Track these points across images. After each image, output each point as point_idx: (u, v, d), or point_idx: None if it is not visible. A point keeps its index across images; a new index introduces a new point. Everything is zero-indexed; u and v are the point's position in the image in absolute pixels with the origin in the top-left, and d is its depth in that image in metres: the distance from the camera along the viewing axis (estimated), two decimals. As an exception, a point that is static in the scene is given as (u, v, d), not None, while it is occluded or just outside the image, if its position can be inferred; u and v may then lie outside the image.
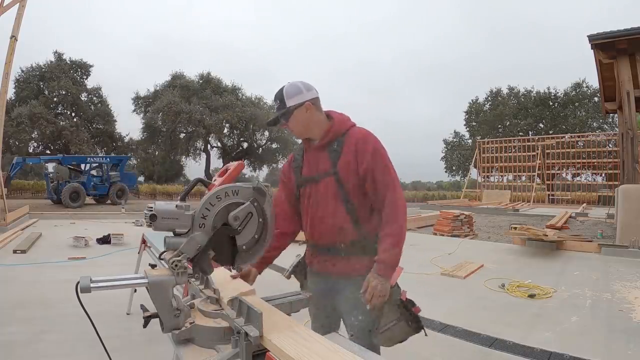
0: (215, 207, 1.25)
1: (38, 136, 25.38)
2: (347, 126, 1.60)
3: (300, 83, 1.59)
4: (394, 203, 1.49)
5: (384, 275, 1.46)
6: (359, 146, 1.52)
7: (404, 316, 1.58)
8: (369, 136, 1.56)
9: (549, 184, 22.42)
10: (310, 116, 1.57)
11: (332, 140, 1.58)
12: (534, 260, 6.50)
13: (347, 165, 1.53)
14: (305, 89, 1.57)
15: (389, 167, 1.53)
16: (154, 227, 1.20)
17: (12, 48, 9.51)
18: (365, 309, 1.50)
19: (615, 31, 8.59)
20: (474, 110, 35.85)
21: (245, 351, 1.07)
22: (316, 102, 1.59)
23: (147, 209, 1.21)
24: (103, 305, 2.85)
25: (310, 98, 1.57)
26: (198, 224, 1.22)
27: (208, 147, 29.98)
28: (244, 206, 1.28)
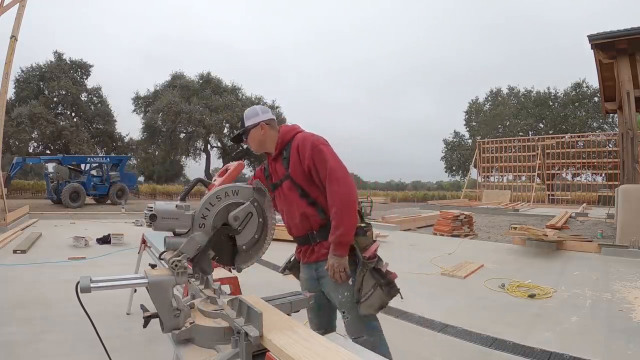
0: (215, 207, 1.25)
1: (38, 136, 25.39)
2: (292, 134, 1.83)
3: (258, 107, 1.90)
4: (333, 189, 1.68)
5: (337, 254, 1.67)
6: (299, 147, 1.75)
7: (379, 283, 1.72)
8: (308, 137, 1.78)
9: (549, 184, 22.43)
10: (264, 134, 1.83)
11: (282, 149, 1.83)
12: (534, 260, 6.50)
13: (295, 166, 1.76)
14: (262, 111, 1.86)
15: (328, 159, 1.70)
16: (154, 227, 1.20)
17: (12, 48, 9.50)
18: (347, 284, 1.72)
19: (615, 31, 8.59)
20: (474, 110, 35.86)
21: (245, 351, 1.07)
22: (271, 122, 1.86)
23: (147, 209, 1.21)
24: (103, 305, 2.86)
25: (264, 119, 1.83)
26: (198, 224, 1.22)
27: (208, 147, 29.99)
28: (244, 206, 1.28)
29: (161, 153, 29.49)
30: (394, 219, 11.28)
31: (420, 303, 3.90)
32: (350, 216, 1.67)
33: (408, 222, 11.23)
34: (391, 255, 7.11)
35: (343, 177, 1.69)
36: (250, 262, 1.37)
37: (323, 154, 1.71)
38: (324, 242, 1.76)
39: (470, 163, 26.77)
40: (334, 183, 1.68)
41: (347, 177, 1.71)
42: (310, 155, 1.71)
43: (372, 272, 1.73)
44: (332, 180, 1.68)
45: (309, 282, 1.88)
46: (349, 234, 1.67)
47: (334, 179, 1.68)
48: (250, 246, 1.33)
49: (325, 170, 1.69)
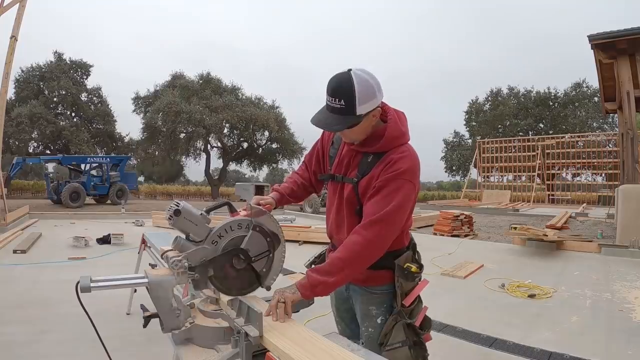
0: (234, 232, 1.28)
1: (38, 136, 25.36)
2: (395, 144, 1.36)
3: (372, 81, 1.28)
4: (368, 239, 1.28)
5: (301, 290, 1.27)
6: (388, 164, 1.33)
7: (408, 342, 1.41)
8: (405, 160, 1.33)
9: (549, 184, 22.42)
10: (373, 122, 1.35)
11: (374, 151, 1.39)
12: (534, 260, 6.50)
13: (370, 180, 1.36)
14: (378, 89, 1.29)
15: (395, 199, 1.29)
16: (173, 222, 1.21)
17: (12, 48, 9.50)
18: (375, 321, 1.44)
19: (615, 31, 8.58)
20: (474, 110, 35.83)
21: (245, 351, 1.08)
22: None
23: (174, 203, 1.22)
24: (103, 305, 2.86)
25: (380, 103, 1.32)
26: (212, 240, 1.24)
27: (208, 147, 29.95)
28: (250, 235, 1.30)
29: (161, 153, 29.44)
30: (394, 219, 11.25)
31: (420, 303, 3.90)
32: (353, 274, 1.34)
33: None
34: (391, 255, 7.11)
35: (388, 229, 1.31)
36: (276, 275, 1.39)
37: (399, 190, 1.30)
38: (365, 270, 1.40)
39: (470, 163, 26.76)
40: (373, 227, 1.29)
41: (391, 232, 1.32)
42: (388, 179, 1.31)
43: (405, 327, 1.43)
44: (375, 222, 1.29)
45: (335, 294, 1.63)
46: (331, 289, 1.31)
47: (377, 222, 1.29)
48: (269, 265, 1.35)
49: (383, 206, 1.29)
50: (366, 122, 1.32)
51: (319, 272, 1.28)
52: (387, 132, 1.35)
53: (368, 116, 1.30)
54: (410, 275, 1.45)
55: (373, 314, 1.46)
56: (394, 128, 1.36)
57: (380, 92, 1.30)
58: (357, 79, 1.25)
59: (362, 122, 1.30)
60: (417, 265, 1.49)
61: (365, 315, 1.49)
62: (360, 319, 1.53)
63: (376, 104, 1.30)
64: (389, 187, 1.30)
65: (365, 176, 1.38)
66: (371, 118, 1.32)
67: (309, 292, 1.26)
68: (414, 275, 1.47)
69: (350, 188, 1.43)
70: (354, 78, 1.25)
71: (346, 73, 1.27)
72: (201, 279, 1.23)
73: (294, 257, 1.75)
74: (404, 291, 1.44)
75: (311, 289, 1.26)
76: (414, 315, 1.48)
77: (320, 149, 1.63)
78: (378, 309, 1.47)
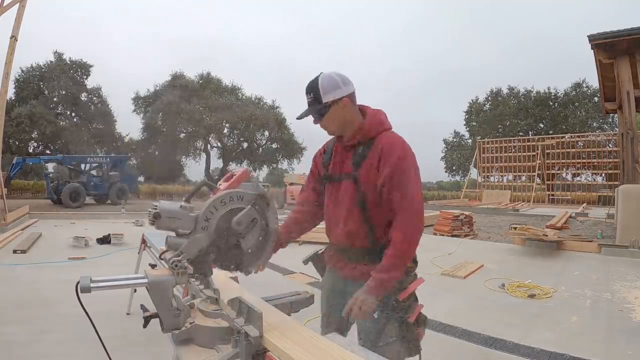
0: (219, 211, 1.26)
1: (38, 136, 25.40)
2: (379, 130, 1.50)
3: (337, 76, 1.48)
4: (405, 224, 1.41)
5: (371, 293, 1.39)
6: (383, 154, 1.44)
7: (401, 337, 1.47)
8: (397, 145, 1.45)
9: (549, 184, 22.41)
10: (346, 113, 1.48)
11: (360, 142, 1.50)
12: (534, 260, 6.50)
13: (368, 172, 1.46)
14: (343, 82, 1.47)
15: (409, 183, 1.41)
16: (157, 226, 1.21)
17: (12, 48, 9.51)
18: (372, 316, 1.47)
19: (615, 31, 8.58)
20: (474, 110, 35.83)
21: (245, 351, 1.07)
22: (353, 98, 1.50)
23: (152, 207, 1.21)
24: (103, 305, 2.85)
25: (347, 93, 1.47)
26: (201, 226, 1.23)
27: (208, 147, 29.99)
28: (246, 210, 1.28)
29: (161, 153, 29.48)
30: (394, 219, 11.25)
31: (420, 303, 3.89)
32: (409, 259, 1.46)
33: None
34: (391, 255, 7.11)
35: (419, 212, 1.43)
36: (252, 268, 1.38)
37: (406, 176, 1.42)
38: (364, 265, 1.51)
39: (470, 163, 26.76)
40: (406, 216, 1.41)
41: (421, 212, 1.45)
42: (392, 172, 1.41)
43: (399, 322, 1.49)
44: (406, 211, 1.41)
45: (333, 293, 1.67)
46: (397, 279, 1.42)
47: (412, 209, 1.41)
48: (256, 249, 1.34)
49: (403, 196, 1.40)
50: (337, 110, 1.47)
51: (384, 270, 1.40)
52: (367, 119, 1.52)
53: (337, 105, 1.46)
54: (407, 270, 1.49)
55: None
56: (372, 117, 1.53)
57: (347, 85, 1.48)
58: (322, 76, 1.48)
59: (332, 109, 1.47)
60: (412, 260, 1.53)
61: None
62: None
63: (341, 93, 1.46)
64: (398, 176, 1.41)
65: (362, 165, 1.48)
66: (341, 107, 1.47)
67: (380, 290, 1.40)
68: (409, 270, 1.51)
69: (349, 183, 1.51)
70: (320, 76, 1.48)
71: (317, 75, 1.50)
72: (207, 267, 1.23)
73: (294, 257, 1.75)
74: (399, 286, 1.47)
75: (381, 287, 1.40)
76: (409, 311, 1.51)
77: (315, 167, 1.71)
78: None
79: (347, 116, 1.49)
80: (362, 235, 1.50)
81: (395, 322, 1.46)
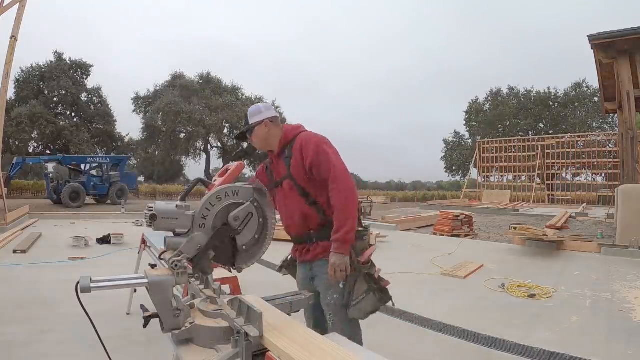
0: (216, 207, 1.25)
1: (38, 136, 25.37)
2: (295, 133, 1.84)
3: (261, 105, 1.92)
4: (337, 189, 1.69)
5: (340, 252, 1.66)
6: (303, 146, 1.76)
7: (372, 289, 1.73)
8: (311, 137, 1.80)
9: (549, 184, 22.41)
10: (268, 131, 1.84)
11: (284, 147, 1.84)
12: (534, 260, 6.50)
13: (297, 165, 1.77)
14: (265, 109, 1.88)
15: (330, 159, 1.71)
16: (154, 227, 1.20)
17: (12, 48, 9.51)
18: (338, 286, 1.73)
19: (615, 31, 8.58)
20: (474, 110, 35.84)
21: (245, 351, 1.07)
22: (274, 120, 1.87)
23: (147, 209, 1.21)
24: (103, 305, 2.85)
25: (268, 116, 1.85)
26: (198, 224, 1.22)
27: (208, 147, 29.99)
28: (244, 206, 1.28)
29: (161, 153, 29.48)
30: (394, 219, 11.28)
31: (420, 303, 3.89)
32: (354, 216, 1.69)
33: (408, 222, 11.23)
34: (391, 255, 7.12)
35: (345, 177, 1.71)
36: (251, 262, 1.38)
37: (326, 155, 1.73)
38: (321, 242, 1.79)
39: (470, 163, 26.76)
40: (336, 182, 1.69)
41: (348, 177, 1.73)
42: (313, 155, 1.72)
43: (366, 277, 1.74)
44: (335, 179, 1.70)
45: (305, 281, 1.90)
46: (352, 232, 1.68)
47: (337, 178, 1.70)
48: (251, 246, 1.34)
49: (329, 170, 1.70)
50: (260, 129, 1.84)
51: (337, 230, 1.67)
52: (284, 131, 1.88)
53: (260, 125, 1.84)
54: (358, 234, 1.75)
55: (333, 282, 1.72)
56: (288, 127, 1.91)
57: (268, 111, 1.87)
58: (251, 106, 1.92)
59: (257, 128, 1.85)
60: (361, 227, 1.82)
61: (326, 285, 1.76)
62: (324, 292, 1.79)
63: (262, 117, 1.84)
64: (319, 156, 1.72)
65: (291, 165, 1.79)
66: (263, 127, 1.84)
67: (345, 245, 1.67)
68: (362, 234, 1.80)
69: (287, 181, 1.82)
70: (250, 107, 1.92)
71: None
72: (206, 264, 1.23)
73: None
74: (357, 249, 1.75)
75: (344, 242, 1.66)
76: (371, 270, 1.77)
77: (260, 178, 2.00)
78: None
79: (270, 133, 1.85)
80: (314, 216, 1.78)
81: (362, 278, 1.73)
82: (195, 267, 1.25)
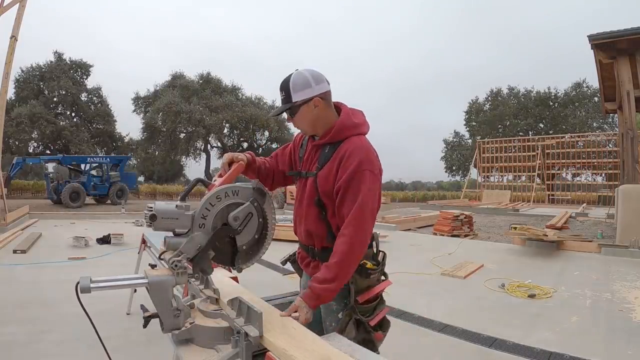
0: (215, 207, 1.25)
1: (38, 136, 25.39)
2: (348, 134, 1.44)
3: (309, 74, 1.42)
4: (347, 235, 1.34)
5: (307, 302, 1.31)
6: (345, 158, 1.39)
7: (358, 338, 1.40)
8: (360, 150, 1.40)
9: (549, 184, 22.41)
10: (318, 113, 1.43)
11: (328, 142, 1.46)
12: (534, 260, 6.50)
13: (329, 173, 1.42)
14: (315, 81, 1.41)
15: (360, 193, 1.35)
16: (154, 227, 1.20)
17: (12, 48, 9.51)
18: (337, 316, 1.47)
19: (615, 31, 8.58)
20: (474, 110, 35.84)
21: (245, 351, 1.08)
22: (326, 97, 1.44)
23: (147, 209, 1.21)
24: (103, 305, 2.85)
25: (319, 93, 1.41)
26: (198, 224, 1.22)
27: (208, 147, 29.99)
28: (244, 206, 1.28)
29: (161, 153, 29.49)
30: (394, 219, 11.28)
31: (420, 303, 3.90)
32: (347, 273, 1.36)
33: (408, 222, 11.24)
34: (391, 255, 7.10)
35: (363, 225, 1.36)
36: (251, 262, 1.37)
37: (359, 186, 1.36)
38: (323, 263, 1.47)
39: (470, 163, 26.76)
40: (350, 227, 1.34)
41: (368, 225, 1.38)
42: (347, 177, 1.37)
43: (356, 324, 1.44)
44: (350, 223, 1.35)
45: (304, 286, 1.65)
46: (333, 293, 1.35)
47: (353, 222, 1.35)
48: (250, 246, 1.33)
49: (350, 206, 1.36)
50: (307, 110, 1.42)
51: (319, 281, 1.33)
52: (338, 121, 1.46)
53: (308, 105, 1.42)
54: (365, 272, 1.45)
55: (334, 309, 1.48)
56: (345, 118, 1.46)
57: (320, 85, 1.42)
58: (295, 73, 1.43)
59: (302, 109, 1.42)
60: (373, 262, 1.51)
61: (327, 310, 1.51)
62: (323, 315, 1.54)
63: (312, 93, 1.40)
64: (353, 183, 1.36)
65: (324, 167, 1.45)
66: (311, 107, 1.42)
67: (316, 301, 1.32)
68: (369, 272, 1.47)
69: (311, 180, 1.50)
70: (293, 74, 1.43)
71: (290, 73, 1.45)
72: (206, 264, 1.23)
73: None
74: (359, 287, 1.45)
75: (317, 298, 1.32)
76: (374, 313, 1.49)
77: (292, 149, 1.70)
78: (338, 304, 1.47)
79: (320, 115, 1.44)
80: (322, 235, 1.48)
81: (353, 324, 1.43)
82: (195, 267, 1.25)
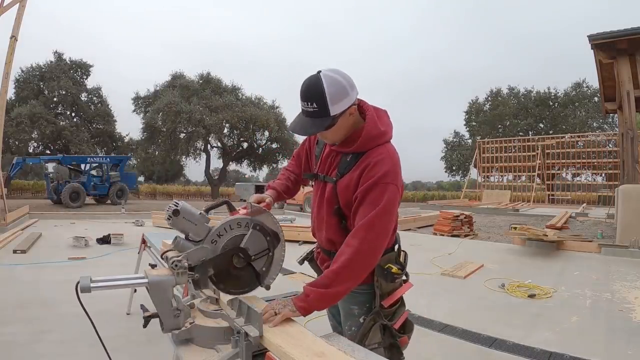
0: (233, 231, 1.28)
1: (38, 136, 25.35)
2: (373, 145, 1.34)
3: (342, 78, 1.26)
4: (355, 242, 1.26)
5: (296, 307, 1.23)
6: (369, 167, 1.30)
7: (384, 344, 1.39)
8: (387, 161, 1.30)
9: (549, 184, 22.43)
10: (351, 121, 1.33)
11: (351, 151, 1.37)
12: (534, 260, 6.50)
13: (349, 182, 1.35)
14: (350, 86, 1.27)
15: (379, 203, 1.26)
16: (172, 223, 1.21)
17: (12, 48, 9.50)
18: (358, 320, 1.43)
19: (615, 31, 8.58)
20: (474, 110, 35.83)
21: (245, 351, 1.08)
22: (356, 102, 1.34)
23: (173, 203, 1.22)
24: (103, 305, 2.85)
25: (354, 100, 1.30)
26: (212, 239, 1.24)
27: (208, 147, 29.95)
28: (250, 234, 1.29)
29: (161, 153, 29.44)
30: (394, 219, 11.25)
31: (420, 303, 3.90)
32: (350, 285, 1.28)
33: (408, 222, 11.23)
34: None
35: (376, 238, 1.27)
36: (276, 275, 1.38)
37: (379, 196, 1.27)
38: None
39: (470, 163, 26.76)
40: (360, 234, 1.26)
41: (381, 239, 1.29)
42: (367, 186, 1.29)
43: (382, 328, 1.41)
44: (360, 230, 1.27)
45: None
46: (328, 302, 1.30)
47: (363, 229, 1.26)
48: (268, 265, 1.35)
49: (365, 214, 1.27)
50: (343, 121, 1.30)
51: (315, 285, 1.26)
52: (364, 131, 1.33)
53: (344, 115, 1.28)
54: (390, 276, 1.42)
55: (355, 313, 1.45)
56: (372, 127, 1.34)
57: (354, 90, 1.29)
58: (326, 80, 1.24)
59: (339, 121, 1.29)
60: (398, 266, 1.47)
61: (347, 314, 1.48)
62: (343, 318, 1.51)
63: (350, 102, 1.28)
64: (373, 193, 1.28)
65: (345, 176, 1.37)
66: (348, 117, 1.30)
67: (306, 306, 1.24)
68: (394, 277, 1.44)
69: (330, 187, 1.42)
70: (323, 80, 1.24)
71: (315, 76, 1.26)
72: (201, 279, 1.23)
73: (294, 257, 1.75)
74: (384, 292, 1.42)
75: (308, 303, 1.24)
76: (395, 317, 1.46)
77: (308, 147, 1.64)
78: (360, 308, 1.45)
79: (351, 122, 1.33)
80: (340, 242, 1.38)
81: (378, 328, 1.40)
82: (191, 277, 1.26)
